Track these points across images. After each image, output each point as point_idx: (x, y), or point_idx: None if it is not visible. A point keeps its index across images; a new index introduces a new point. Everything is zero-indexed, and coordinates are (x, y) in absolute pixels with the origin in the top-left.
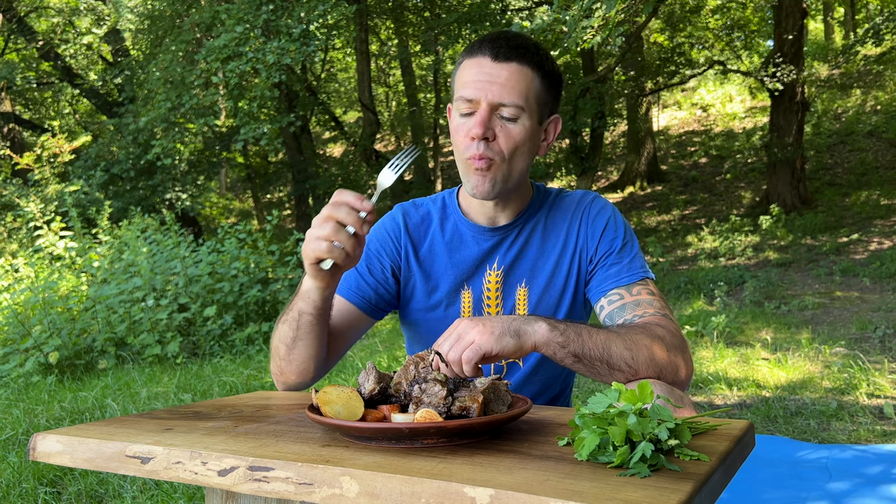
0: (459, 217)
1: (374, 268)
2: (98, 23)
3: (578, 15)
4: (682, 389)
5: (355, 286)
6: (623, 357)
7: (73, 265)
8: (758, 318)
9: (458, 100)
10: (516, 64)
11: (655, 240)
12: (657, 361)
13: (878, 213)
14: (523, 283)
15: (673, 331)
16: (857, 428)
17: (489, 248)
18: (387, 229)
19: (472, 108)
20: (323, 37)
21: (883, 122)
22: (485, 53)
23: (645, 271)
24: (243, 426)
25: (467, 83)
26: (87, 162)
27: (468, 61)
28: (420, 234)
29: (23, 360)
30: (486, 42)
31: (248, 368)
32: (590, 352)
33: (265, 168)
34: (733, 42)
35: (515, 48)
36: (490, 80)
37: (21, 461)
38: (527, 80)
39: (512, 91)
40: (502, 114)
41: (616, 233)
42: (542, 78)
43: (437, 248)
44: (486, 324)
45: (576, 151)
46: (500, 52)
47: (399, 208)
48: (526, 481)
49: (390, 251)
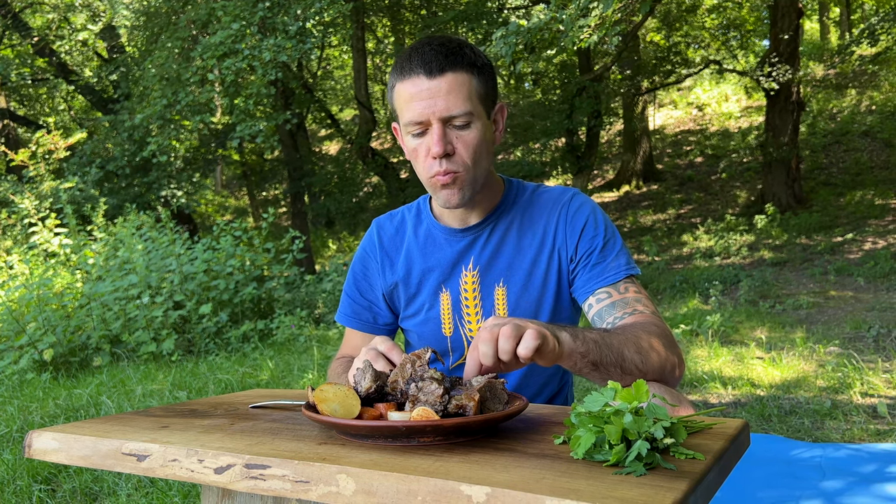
0: (432, 221)
1: (363, 289)
2: (93, 19)
3: (575, 14)
4: (674, 386)
5: (351, 312)
6: (635, 361)
7: (68, 262)
8: (752, 318)
9: (406, 124)
10: (451, 73)
11: (651, 239)
12: (661, 363)
13: (872, 212)
14: (501, 282)
15: (665, 330)
16: (850, 427)
17: (462, 248)
18: (365, 249)
19: (423, 128)
20: (319, 34)
21: (878, 122)
22: (417, 73)
23: (629, 268)
24: (239, 424)
25: (409, 105)
26: (82, 159)
27: (403, 83)
28: (396, 244)
29: (17, 358)
30: (414, 59)
31: (243, 366)
32: (606, 359)
33: (261, 165)
34: (729, 41)
35: (446, 56)
36: (431, 96)
37: (15, 458)
38: (466, 84)
39: (457, 100)
40: (454, 124)
41: (597, 230)
42: (478, 75)
43: (412, 255)
44: (534, 323)
45: (572, 150)
46: (434, 66)
47: (375, 224)
48: (522, 479)
49: (372, 269)
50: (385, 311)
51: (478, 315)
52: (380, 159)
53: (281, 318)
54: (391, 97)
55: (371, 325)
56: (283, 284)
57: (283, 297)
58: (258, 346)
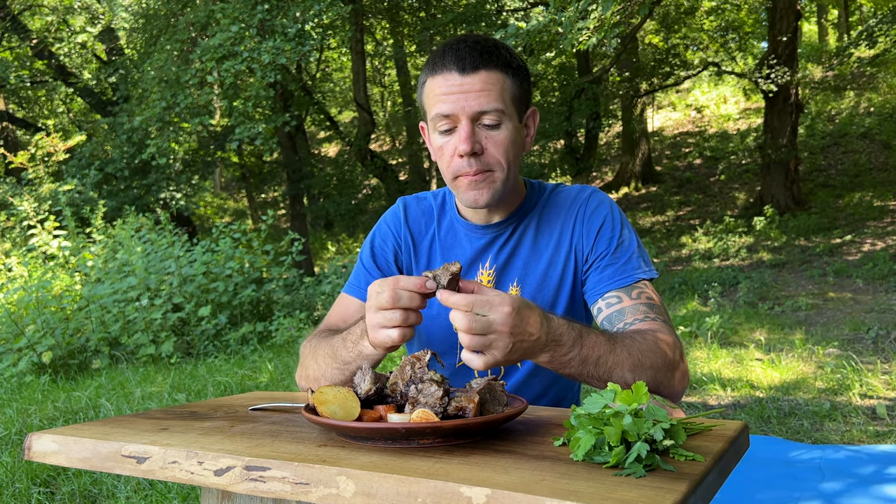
0: (455, 215)
1: (380, 262)
2: (92, 21)
3: (574, 16)
4: (676, 401)
5: (365, 283)
6: (625, 379)
7: (67, 264)
8: (751, 319)
9: (433, 118)
10: (485, 71)
11: (650, 240)
12: (655, 383)
13: (871, 214)
14: (515, 281)
15: (672, 343)
16: (849, 428)
17: (481, 247)
18: (388, 223)
19: (452, 125)
20: (318, 36)
21: (876, 123)
22: (450, 68)
23: (644, 271)
24: (239, 426)
25: (440, 99)
26: (81, 161)
27: (434, 79)
28: (420, 227)
29: (16, 360)
30: (447, 55)
31: (242, 368)
32: (590, 375)
33: (260, 168)
34: (728, 44)
35: (480, 54)
36: (462, 92)
37: (14, 461)
38: (499, 83)
39: (489, 98)
40: (484, 122)
41: (613, 231)
42: (513, 76)
43: (434, 245)
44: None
45: (571, 152)
46: (467, 63)
47: (401, 202)
48: (522, 481)
49: (392, 244)
50: None
51: None
52: (379, 161)
53: (280, 320)
54: (420, 94)
55: None
56: (282, 286)
57: (283, 299)
58: (257, 349)
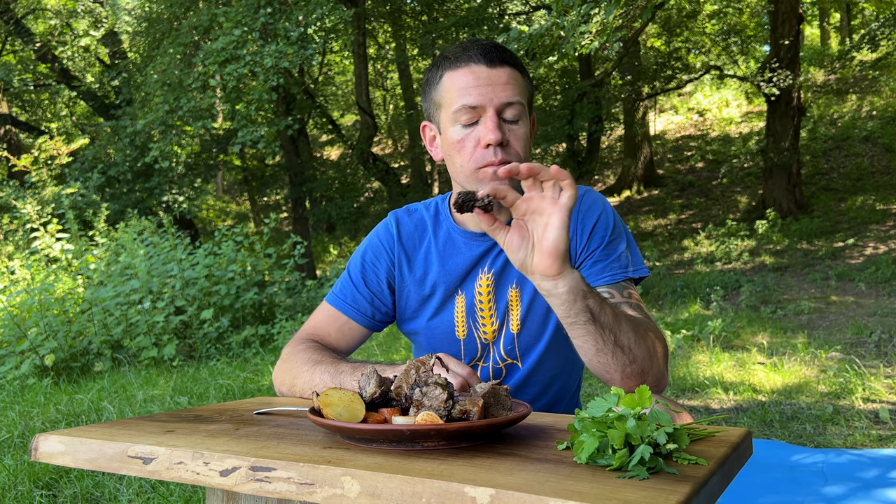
0: (451, 224)
1: (369, 279)
2: (95, 25)
3: (576, 20)
4: (661, 382)
5: (351, 298)
6: (630, 337)
7: (70, 267)
8: (754, 323)
9: (456, 111)
10: (509, 68)
11: (652, 244)
12: (650, 352)
13: (873, 217)
14: (514, 283)
15: (663, 340)
16: (852, 432)
17: (480, 253)
18: (380, 238)
19: (476, 117)
20: (321, 40)
21: (878, 127)
22: (478, 61)
23: (633, 270)
24: (244, 429)
25: (466, 91)
26: (83, 164)
27: (456, 71)
28: (413, 241)
29: (18, 363)
30: (471, 49)
31: (244, 371)
32: (605, 318)
33: (262, 171)
34: (730, 47)
35: (503, 51)
36: (490, 83)
37: (17, 464)
38: (519, 81)
39: (514, 90)
40: (506, 116)
41: (606, 229)
42: (524, 78)
43: (431, 257)
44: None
45: (573, 155)
46: (494, 56)
47: (392, 216)
48: (526, 482)
49: (386, 262)
50: (387, 305)
51: (492, 318)
52: (381, 164)
53: (282, 323)
54: (432, 90)
55: (367, 317)
56: (284, 290)
57: (285, 302)
58: (259, 352)
